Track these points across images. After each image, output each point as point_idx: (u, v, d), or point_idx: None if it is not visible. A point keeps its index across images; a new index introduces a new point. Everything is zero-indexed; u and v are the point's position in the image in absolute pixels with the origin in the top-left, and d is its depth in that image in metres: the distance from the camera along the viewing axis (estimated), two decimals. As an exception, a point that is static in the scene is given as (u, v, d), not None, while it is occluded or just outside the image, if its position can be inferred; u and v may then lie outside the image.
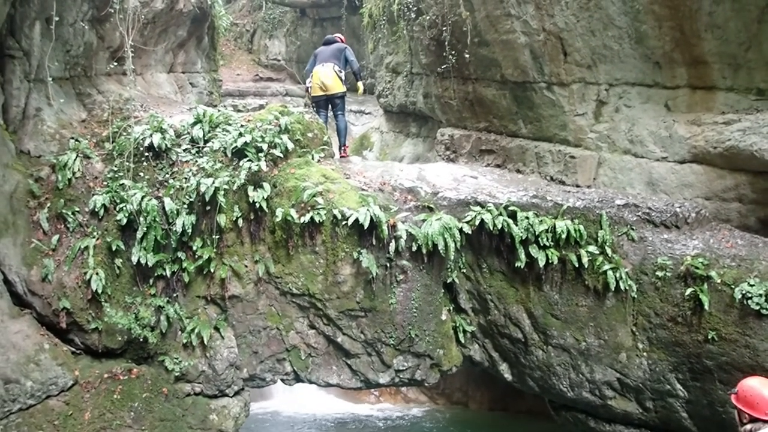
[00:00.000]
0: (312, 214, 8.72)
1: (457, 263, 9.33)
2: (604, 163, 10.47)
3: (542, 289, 9.07)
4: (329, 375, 9.33)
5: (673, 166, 9.76)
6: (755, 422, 3.75)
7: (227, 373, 8.98)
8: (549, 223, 8.85)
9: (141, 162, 9.20)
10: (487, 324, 9.56)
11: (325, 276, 8.92)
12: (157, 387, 8.69)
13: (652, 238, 8.77)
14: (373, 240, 8.82)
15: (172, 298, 8.90)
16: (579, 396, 9.20)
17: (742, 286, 7.79)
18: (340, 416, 13.38)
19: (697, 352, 8.17)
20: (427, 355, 9.32)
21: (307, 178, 9.13)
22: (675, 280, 8.37)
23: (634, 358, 8.72)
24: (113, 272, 8.71)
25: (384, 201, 9.21)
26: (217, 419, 9.04)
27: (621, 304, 8.71)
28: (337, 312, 9.00)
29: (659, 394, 8.67)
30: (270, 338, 9.20)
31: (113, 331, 8.64)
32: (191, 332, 8.83)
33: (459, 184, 9.83)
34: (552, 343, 9.12)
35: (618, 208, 9.00)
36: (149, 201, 8.74)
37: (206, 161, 9.16)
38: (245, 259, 9.08)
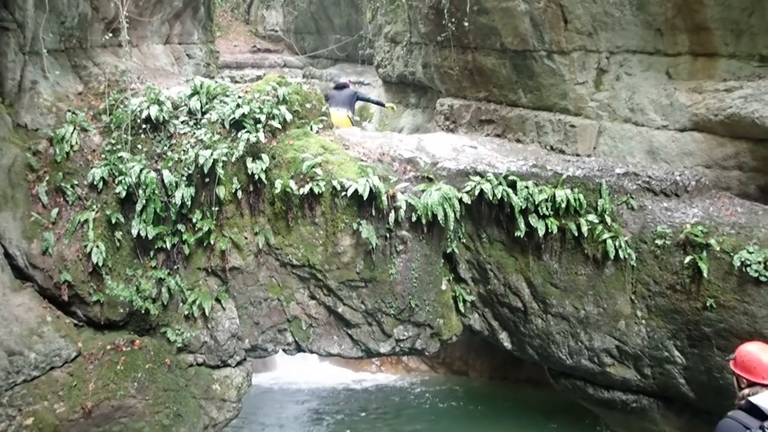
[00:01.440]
0: (311, 186, 8.70)
1: (457, 233, 9.35)
2: (605, 131, 10.42)
3: (542, 259, 9.09)
4: (330, 345, 9.41)
5: (673, 134, 9.71)
6: (753, 386, 3.78)
7: (229, 343, 9.05)
8: (549, 193, 8.85)
9: (139, 134, 9.15)
10: (487, 293, 9.61)
11: (325, 247, 8.94)
12: (160, 358, 8.76)
13: (652, 207, 8.77)
14: (373, 211, 8.82)
15: (173, 270, 8.93)
16: (578, 363, 9.28)
17: (741, 254, 7.81)
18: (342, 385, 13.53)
19: (695, 320, 8.22)
20: (427, 325, 9.38)
21: (306, 149, 9.10)
22: (674, 248, 8.39)
23: (633, 325, 8.78)
24: (113, 245, 8.72)
25: (383, 172, 9.19)
26: (219, 389, 9.14)
27: (620, 273, 8.74)
28: (337, 283, 9.04)
29: (657, 361, 8.75)
30: (271, 309, 9.26)
31: (115, 303, 8.68)
32: (192, 304, 8.89)
33: (458, 154, 9.81)
34: (551, 312, 9.18)
35: (618, 176, 8.99)
36: (148, 173, 8.71)
37: (204, 133, 9.11)
38: (245, 230, 9.09)
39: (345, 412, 11.80)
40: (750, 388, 3.79)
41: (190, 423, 8.77)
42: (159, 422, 8.56)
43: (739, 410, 3.72)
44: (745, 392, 3.80)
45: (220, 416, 9.12)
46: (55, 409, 7.99)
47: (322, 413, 11.69)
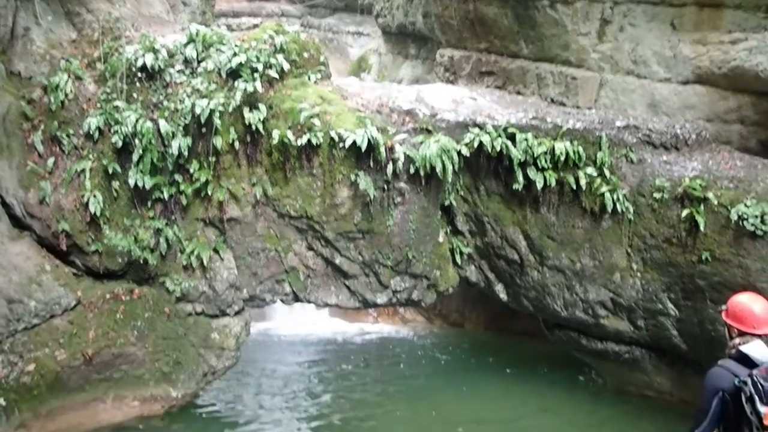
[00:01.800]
0: (309, 136, 8.64)
1: (455, 186, 9.34)
2: (606, 84, 10.31)
3: (539, 211, 9.11)
4: (328, 295, 9.49)
5: (676, 87, 9.63)
6: (743, 336, 3.82)
7: (227, 293, 9.12)
8: (548, 145, 8.80)
9: (134, 83, 9.03)
10: (484, 246, 9.65)
11: (323, 198, 8.93)
12: (159, 307, 8.85)
13: (651, 160, 8.75)
14: (371, 162, 8.78)
15: (171, 220, 8.94)
16: (572, 315, 9.39)
17: (739, 207, 7.83)
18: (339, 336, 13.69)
19: (690, 273, 8.28)
20: (424, 276, 9.45)
21: (304, 99, 9.00)
22: (672, 201, 8.40)
23: (628, 278, 8.85)
24: (111, 195, 8.70)
25: (382, 123, 9.11)
26: (218, 338, 9.25)
27: (617, 226, 8.77)
28: (334, 234, 9.06)
29: (651, 313, 8.85)
30: (269, 260, 9.30)
31: (113, 253, 8.71)
32: (191, 254, 8.92)
33: (458, 106, 9.71)
34: (547, 264, 9.24)
35: (618, 129, 8.94)
36: (144, 123, 8.63)
37: (201, 82, 8.99)
38: (242, 181, 9.06)
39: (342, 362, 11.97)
40: (740, 338, 3.83)
41: (189, 370, 8.91)
42: (159, 369, 8.71)
43: (729, 359, 3.77)
44: (736, 342, 3.84)
45: (219, 364, 9.26)
46: (56, 356, 8.11)
47: (319, 363, 11.86)
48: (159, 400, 8.75)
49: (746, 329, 3.80)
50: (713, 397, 3.66)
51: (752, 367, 3.58)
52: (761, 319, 3.79)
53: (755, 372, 3.51)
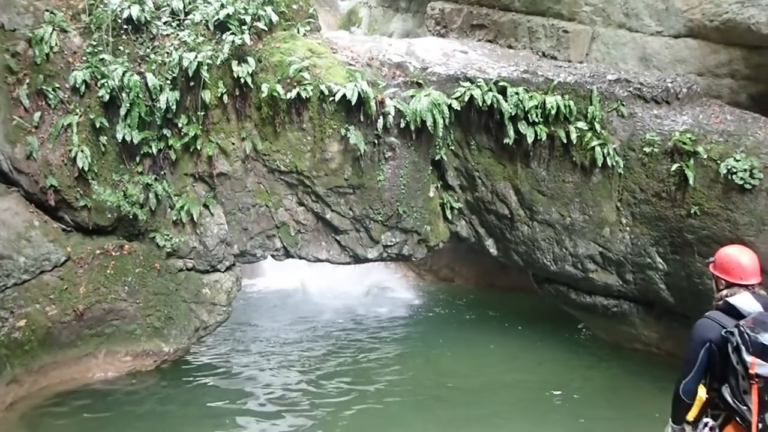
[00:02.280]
0: (298, 90, 8.55)
1: (446, 140, 9.30)
2: (598, 37, 10.21)
3: (530, 166, 9.10)
4: (318, 251, 9.51)
5: (667, 40, 9.55)
6: (731, 287, 3.85)
7: (218, 249, 9.12)
8: (539, 99, 8.76)
9: (120, 36, 8.86)
10: (474, 200, 9.67)
11: (313, 153, 8.88)
12: (150, 263, 8.85)
13: (642, 114, 8.73)
14: (361, 116, 8.72)
15: (160, 175, 8.88)
16: (562, 269, 9.47)
17: (728, 162, 7.84)
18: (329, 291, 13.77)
19: (678, 227, 8.34)
20: (415, 231, 9.48)
21: (293, 52, 8.87)
22: (662, 155, 8.41)
23: (617, 232, 8.91)
24: (99, 150, 8.60)
25: (372, 76, 9.01)
26: (209, 293, 9.28)
27: (607, 180, 8.79)
28: (325, 189, 9.04)
29: (639, 267, 8.93)
30: (259, 215, 9.28)
31: (102, 208, 8.66)
32: (181, 209, 8.89)
33: (449, 59, 9.61)
34: (537, 219, 9.27)
35: (609, 83, 8.89)
36: (131, 76, 8.50)
37: (188, 35, 8.84)
38: (232, 136, 8.98)
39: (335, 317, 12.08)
40: (728, 289, 3.86)
41: (181, 325, 8.96)
42: (150, 325, 8.74)
43: (716, 311, 3.81)
44: (723, 293, 3.88)
45: (211, 319, 9.31)
46: (47, 312, 8.12)
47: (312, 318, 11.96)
48: (151, 356, 8.81)
49: (733, 280, 3.84)
50: (701, 347, 3.71)
51: (739, 318, 3.62)
52: (748, 270, 3.82)
53: (742, 323, 3.55)
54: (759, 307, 3.64)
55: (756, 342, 3.43)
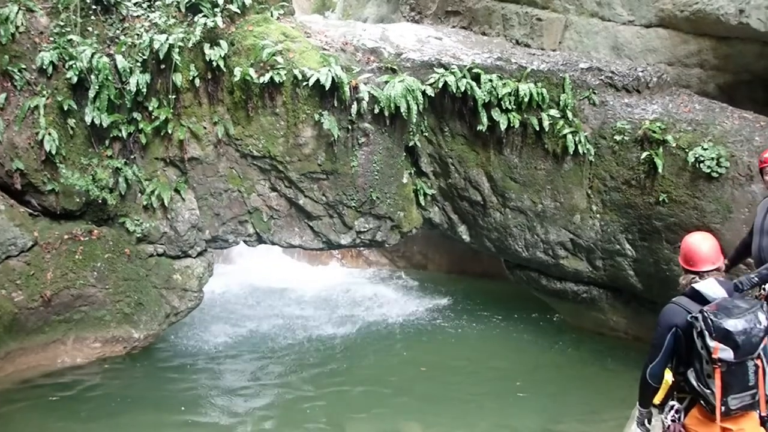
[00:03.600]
0: (272, 74, 8.47)
1: (419, 126, 9.30)
2: (571, 26, 10.27)
3: (502, 153, 9.16)
4: (291, 236, 9.47)
5: (639, 30, 9.65)
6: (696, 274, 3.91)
7: (189, 234, 9.04)
8: (512, 86, 8.80)
9: (89, 16, 8.68)
10: (448, 187, 9.70)
11: (286, 138, 8.82)
12: (119, 248, 8.74)
13: (613, 102, 8.82)
14: (335, 102, 8.68)
15: (130, 159, 8.75)
16: (533, 256, 9.57)
17: (696, 150, 7.97)
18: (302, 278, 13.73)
19: (647, 214, 8.47)
20: (388, 217, 9.49)
21: (266, 36, 8.78)
22: (632, 144, 8.52)
23: (588, 219, 9.02)
24: (66, 133, 8.44)
25: (346, 61, 8.97)
26: (181, 279, 9.20)
27: (578, 168, 8.88)
28: (298, 174, 9.00)
29: (609, 253, 9.06)
30: (231, 200, 9.21)
31: (71, 192, 8.51)
32: (151, 194, 8.79)
33: (423, 46, 9.60)
34: (510, 206, 9.35)
35: (581, 71, 8.96)
36: (100, 58, 8.34)
37: (159, 16, 8.71)
38: (204, 120, 8.88)
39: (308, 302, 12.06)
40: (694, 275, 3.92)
41: (151, 311, 8.88)
42: (120, 311, 8.66)
43: (683, 296, 3.87)
44: (689, 279, 3.94)
45: (182, 305, 9.23)
46: (13, 298, 7.99)
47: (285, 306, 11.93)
48: (121, 342, 8.73)
49: (687, 267, 3.91)
50: (667, 332, 3.77)
51: (704, 303, 3.68)
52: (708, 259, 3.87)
53: (706, 308, 3.61)
54: (723, 292, 3.71)
55: (719, 327, 3.50)
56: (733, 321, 3.49)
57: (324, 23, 10.46)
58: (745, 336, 3.47)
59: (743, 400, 3.55)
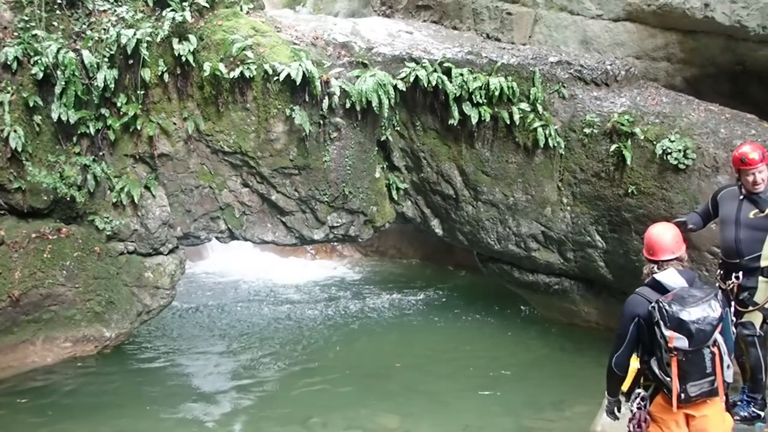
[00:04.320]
0: (242, 69, 8.41)
1: (391, 121, 9.31)
2: (540, 20, 10.34)
3: (474, 147, 9.21)
4: (264, 232, 9.43)
5: (607, 24, 9.74)
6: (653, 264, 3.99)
7: (160, 231, 8.95)
8: (483, 80, 8.84)
9: (54, 11, 8.52)
10: (420, 181, 9.73)
11: (257, 133, 8.77)
12: (89, 246, 8.62)
13: (582, 96, 8.92)
14: (306, 96, 8.65)
15: (99, 156, 8.63)
16: (505, 248, 9.65)
17: (663, 142, 8.09)
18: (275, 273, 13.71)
19: (617, 206, 8.58)
20: (361, 212, 9.49)
21: (236, 30, 8.71)
22: (601, 136, 8.62)
23: (559, 212, 9.12)
24: (33, 130, 8.29)
25: (317, 56, 8.94)
26: (152, 276, 9.11)
27: (549, 161, 8.96)
28: (270, 170, 8.95)
29: (580, 245, 9.17)
30: (203, 197, 9.14)
31: (38, 190, 8.36)
32: (121, 191, 8.68)
33: (394, 40, 9.60)
34: (482, 199, 9.41)
35: (551, 65, 9.04)
36: (66, 53, 8.20)
37: (126, 11, 8.59)
38: (173, 116, 8.79)
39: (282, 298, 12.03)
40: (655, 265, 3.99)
41: (122, 310, 8.79)
42: (90, 309, 8.56)
43: (645, 286, 3.94)
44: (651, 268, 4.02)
45: (154, 303, 9.15)
46: (-20, 298, 7.84)
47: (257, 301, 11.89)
48: (92, 341, 8.63)
49: (649, 257, 3.98)
50: (630, 322, 3.85)
51: (665, 293, 3.76)
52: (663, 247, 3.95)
53: (662, 298, 3.69)
54: (683, 282, 3.79)
55: (673, 317, 3.59)
56: (688, 310, 3.59)
57: (294, 18, 10.41)
58: (699, 325, 3.57)
59: (702, 387, 3.64)
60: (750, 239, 5.28)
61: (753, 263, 5.24)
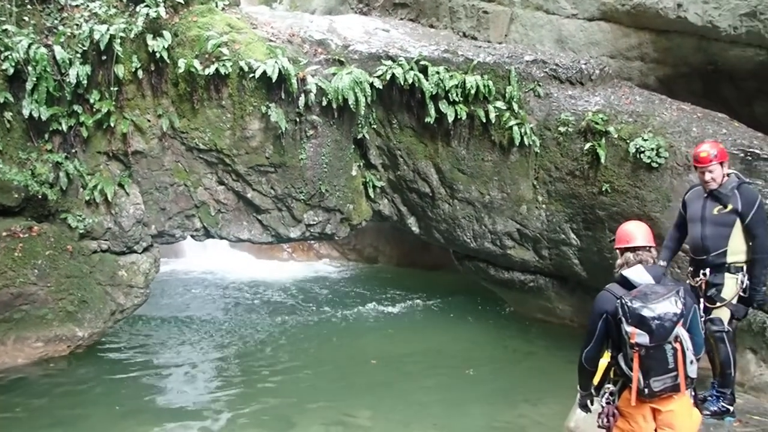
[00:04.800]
0: (217, 66, 8.35)
1: (368, 119, 9.31)
2: (516, 19, 10.41)
3: (450, 145, 9.24)
4: (240, 230, 9.38)
5: (582, 23, 9.84)
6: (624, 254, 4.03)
7: (134, 229, 8.86)
8: (459, 79, 8.88)
9: (25, 5, 8.39)
10: (397, 179, 9.75)
11: (233, 131, 8.71)
12: (61, 244, 8.49)
13: (558, 95, 8.99)
14: (282, 94, 8.61)
15: (71, 153, 8.51)
16: (481, 246, 9.70)
17: (637, 141, 8.18)
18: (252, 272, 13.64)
19: (591, 204, 8.66)
20: (338, 210, 9.48)
21: (211, 27, 8.65)
22: (576, 135, 8.70)
23: (534, 210, 9.18)
24: (3, 126, 8.14)
25: (293, 53, 8.90)
26: (126, 275, 9.01)
27: (524, 159, 9.02)
28: (246, 167, 8.90)
29: (554, 243, 9.25)
30: (178, 195, 9.06)
31: (9, 188, 8.20)
32: (94, 189, 8.57)
33: (371, 37, 9.60)
34: (458, 197, 9.44)
35: (527, 64, 9.10)
36: (38, 49, 8.07)
37: (99, 6, 8.48)
38: (148, 113, 8.70)
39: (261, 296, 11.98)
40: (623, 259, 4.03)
41: (96, 309, 8.68)
42: (63, 309, 8.42)
43: (614, 283, 3.99)
44: (619, 262, 4.07)
45: (128, 302, 9.04)
46: (-50, 297, 7.70)
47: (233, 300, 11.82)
48: (64, 341, 8.50)
49: (622, 245, 4.03)
50: (599, 318, 3.90)
51: (631, 289, 3.81)
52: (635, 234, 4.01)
53: (625, 295, 3.74)
54: (650, 278, 3.84)
55: (634, 313, 3.64)
56: (649, 306, 3.64)
57: (271, 14, 10.36)
58: (659, 321, 3.62)
59: (665, 382, 3.70)
60: (715, 235, 5.39)
61: (719, 259, 5.35)
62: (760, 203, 5.28)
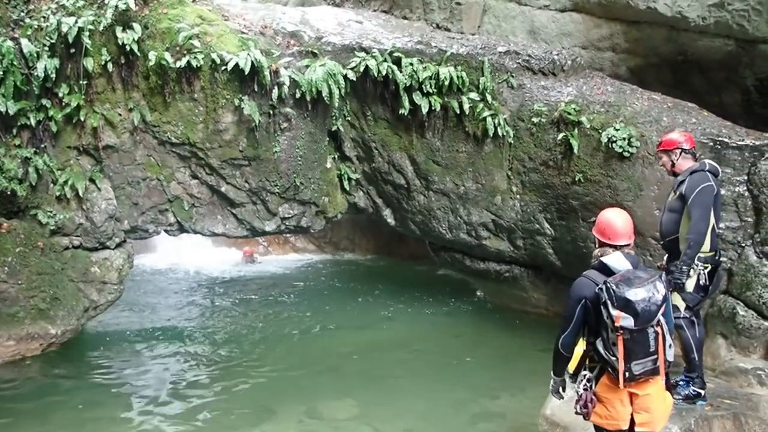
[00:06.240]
0: (188, 58, 8.25)
1: (342, 111, 9.29)
2: (489, 10, 10.43)
3: (425, 136, 9.26)
4: (214, 224, 9.31)
5: (554, 14, 9.88)
6: (605, 247, 4.09)
7: (107, 225, 8.74)
8: (433, 70, 8.89)
9: (-11, -2, 8.23)
10: (372, 171, 9.74)
11: (206, 124, 8.63)
12: (32, 241, 8.36)
13: (531, 85, 9.04)
14: (255, 86, 8.54)
15: (40, 148, 8.37)
16: (457, 237, 9.74)
17: (609, 131, 8.26)
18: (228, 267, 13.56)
19: (564, 193, 8.74)
20: (313, 203, 9.45)
21: (182, 19, 8.54)
22: (549, 125, 8.76)
23: (508, 200, 9.24)
24: (-31, 121, 8.01)
25: (266, 45, 8.83)
26: (99, 271, 8.90)
27: (498, 150, 9.07)
28: (219, 161, 8.83)
29: (529, 233, 9.32)
30: (150, 189, 8.95)
31: (-24, 184, 8.08)
32: (64, 184, 8.44)
33: (344, 29, 9.56)
34: (433, 188, 9.47)
35: (500, 55, 9.14)
36: (4, 42, 7.91)
37: (66, -2, 8.33)
38: (118, 107, 8.58)
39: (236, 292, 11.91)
40: (602, 249, 4.10)
41: (68, 306, 8.56)
42: (35, 306, 8.30)
43: (592, 269, 4.04)
44: (596, 253, 4.12)
45: (101, 298, 8.94)
46: None
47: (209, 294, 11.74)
48: (36, 339, 8.37)
49: (606, 241, 4.08)
50: (577, 304, 3.95)
51: (611, 275, 3.86)
52: (621, 232, 4.07)
53: (609, 279, 3.79)
54: (628, 265, 3.91)
55: (620, 297, 3.69)
56: (634, 290, 3.70)
57: (242, 6, 10.25)
58: (645, 304, 3.68)
59: (645, 365, 3.76)
60: (668, 221, 5.59)
61: (673, 245, 5.49)
62: (703, 188, 5.39)
